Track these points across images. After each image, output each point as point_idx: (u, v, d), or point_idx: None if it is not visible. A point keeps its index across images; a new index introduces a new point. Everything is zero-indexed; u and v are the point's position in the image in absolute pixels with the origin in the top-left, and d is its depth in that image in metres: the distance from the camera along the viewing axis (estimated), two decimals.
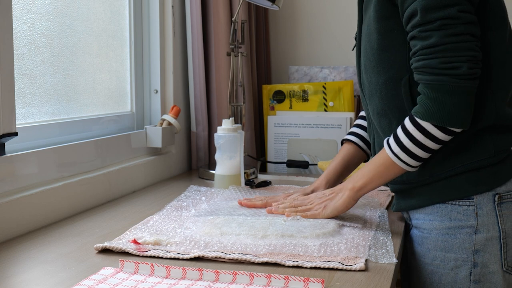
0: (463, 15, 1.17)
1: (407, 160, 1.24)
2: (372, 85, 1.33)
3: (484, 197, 1.25)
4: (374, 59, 1.31)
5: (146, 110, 1.98)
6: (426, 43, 1.18)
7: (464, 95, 1.17)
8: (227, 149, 1.69)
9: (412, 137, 1.22)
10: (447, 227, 1.27)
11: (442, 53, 1.17)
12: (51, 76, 1.51)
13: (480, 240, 1.25)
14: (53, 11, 1.50)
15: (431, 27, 1.18)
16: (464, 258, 1.26)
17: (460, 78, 1.16)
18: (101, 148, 1.62)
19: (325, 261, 1.06)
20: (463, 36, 1.17)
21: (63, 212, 1.40)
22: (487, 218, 1.25)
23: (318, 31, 2.55)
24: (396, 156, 1.25)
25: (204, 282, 0.96)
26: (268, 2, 1.89)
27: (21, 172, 1.30)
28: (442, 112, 1.18)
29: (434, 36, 1.17)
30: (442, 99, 1.17)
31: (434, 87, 1.18)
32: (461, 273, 1.26)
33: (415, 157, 1.24)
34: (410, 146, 1.23)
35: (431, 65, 1.18)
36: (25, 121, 1.41)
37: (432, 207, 1.29)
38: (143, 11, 1.95)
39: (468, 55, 1.17)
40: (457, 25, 1.17)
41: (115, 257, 1.09)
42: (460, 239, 1.26)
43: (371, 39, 1.31)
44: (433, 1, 1.17)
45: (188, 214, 1.39)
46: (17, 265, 1.06)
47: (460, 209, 1.26)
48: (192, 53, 2.06)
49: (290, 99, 2.23)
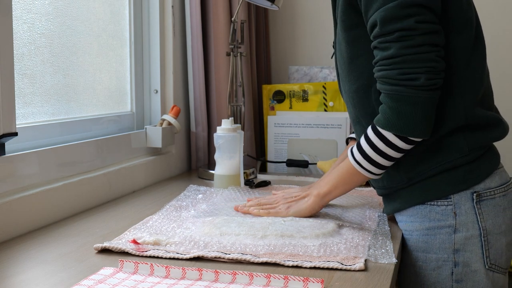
0: (421, 25, 1.16)
1: (370, 168, 1.26)
2: (347, 93, 1.35)
3: (461, 196, 1.25)
4: (345, 68, 1.32)
5: (146, 110, 1.99)
6: (385, 54, 1.19)
7: (423, 106, 1.18)
8: (227, 149, 1.69)
9: (374, 146, 1.24)
10: (427, 228, 1.28)
11: (400, 65, 1.17)
12: (51, 76, 1.51)
13: (460, 239, 1.25)
14: (53, 11, 1.50)
15: (390, 39, 1.18)
16: (444, 258, 1.26)
17: (418, 89, 1.17)
18: (101, 148, 1.62)
19: (325, 261, 1.06)
20: (421, 47, 1.17)
21: (63, 212, 1.40)
22: (466, 217, 1.25)
23: (318, 31, 2.55)
24: (358, 164, 1.27)
25: (204, 282, 0.96)
26: (268, 2, 1.89)
27: (21, 172, 1.30)
28: (402, 122, 1.19)
29: (393, 47, 1.18)
30: (401, 109, 1.18)
31: (393, 97, 1.19)
32: (443, 273, 1.27)
33: (377, 165, 1.25)
34: (372, 154, 1.24)
35: (390, 76, 1.19)
36: (25, 121, 1.41)
37: (413, 208, 1.30)
38: (143, 11, 1.95)
39: (426, 66, 1.17)
40: (414, 37, 1.16)
41: (114, 257, 1.09)
42: (440, 239, 1.27)
43: (341, 48, 1.32)
44: (391, 13, 1.17)
45: (188, 214, 1.39)
46: (17, 265, 1.07)
47: (439, 209, 1.27)
48: (192, 53, 2.06)
49: (290, 99, 2.23)
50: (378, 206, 1.51)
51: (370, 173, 1.27)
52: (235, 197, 1.57)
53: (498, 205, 1.26)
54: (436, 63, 1.18)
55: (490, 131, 1.27)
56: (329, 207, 1.45)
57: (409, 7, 1.16)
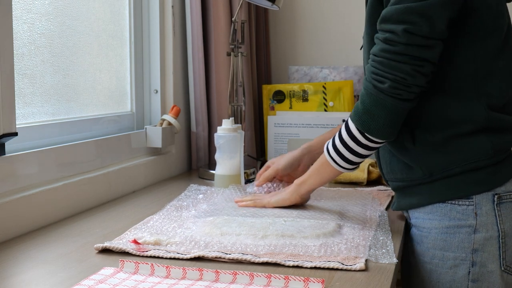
0: (408, 36, 1.16)
1: (337, 160, 1.31)
2: None
3: (483, 197, 1.25)
4: None
5: (146, 110, 1.98)
6: (373, 49, 1.22)
7: (385, 109, 1.20)
8: (227, 149, 1.69)
9: (341, 137, 1.29)
10: (446, 226, 1.28)
11: (375, 64, 1.20)
12: (51, 76, 1.50)
13: (479, 240, 1.25)
14: (53, 11, 1.50)
15: (379, 36, 1.21)
16: (462, 257, 1.26)
17: (382, 92, 1.19)
18: (101, 148, 1.62)
19: (325, 261, 1.06)
20: (399, 56, 1.17)
21: (63, 212, 1.40)
22: (486, 218, 1.25)
23: (318, 31, 2.55)
24: (329, 155, 1.32)
25: (204, 282, 0.96)
26: (268, 2, 1.89)
27: (21, 172, 1.30)
28: (364, 116, 1.22)
29: (378, 45, 1.21)
30: (367, 105, 1.22)
31: (364, 89, 1.23)
32: (459, 272, 1.27)
33: (342, 156, 1.30)
34: (339, 145, 1.29)
35: (368, 70, 1.23)
36: (25, 121, 1.41)
37: (432, 206, 1.30)
38: (143, 11, 1.95)
39: (395, 75, 1.17)
40: (397, 44, 1.17)
41: (115, 257, 1.09)
42: (459, 238, 1.27)
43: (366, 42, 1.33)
44: (390, 13, 1.18)
45: (188, 214, 1.39)
46: (17, 265, 1.06)
47: (460, 208, 1.27)
48: (192, 53, 2.06)
49: (290, 99, 2.23)
50: (378, 206, 1.51)
51: (337, 165, 1.32)
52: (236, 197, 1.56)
53: None
54: (409, 76, 1.17)
55: None
56: (330, 207, 1.45)
57: (408, 14, 1.16)
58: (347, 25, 2.50)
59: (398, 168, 1.34)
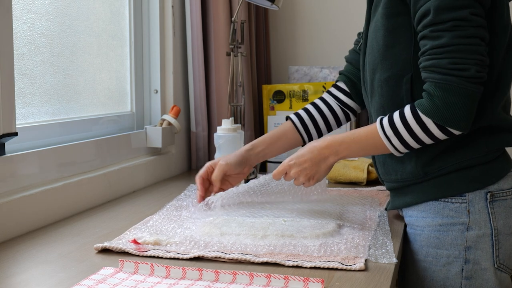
0: (474, 18, 1.17)
1: (397, 145, 1.25)
2: (375, 81, 1.34)
3: (476, 195, 1.26)
4: (379, 56, 1.31)
5: (146, 110, 1.99)
6: (436, 43, 1.18)
7: (469, 99, 1.17)
8: (227, 149, 1.69)
9: (409, 127, 1.22)
10: (439, 224, 1.29)
11: (452, 54, 1.17)
12: (51, 76, 1.51)
13: (472, 237, 1.26)
14: (53, 11, 1.50)
15: (443, 28, 1.18)
16: (456, 254, 1.27)
17: (467, 81, 1.16)
18: (101, 148, 1.62)
19: (325, 261, 1.06)
20: (473, 39, 1.17)
21: (63, 212, 1.40)
22: (479, 216, 1.26)
23: (318, 31, 2.55)
24: (387, 137, 1.25)
25: (204, 282, 0.96)
26: (268, 2, 1.89)
27: (21, 172, 1.30)
28: (447, 112, 1.18)
29: (445, 36, 1.17)
30: (449, 100, 1.17)
31: (440, 86, 1.18)
32: (453, 269, 1.28)
33: (406, 144, 1.24)
34: (405, 134, 1.23)
35: (440, 65, 1.18)
36: (25, 121, 1.41)
37: (425, 204, 1.31)
38: (143, 11, 1.95)
39: (476, 58, 1.17)
40: (468, 28, 1.17)
41: (115, 257, 1.09)
42: (452, 236, 1.27)
43: (377, 36, 1.31)
44: (446, 2, 1.17)
45: (188, 214, 1.39)
46: (17, 265, 1.07)
47: (453, 206, 1.27)
48: (192, 53, 2.06)
49: (290, 99, 2.23)
50: (378, 206, 1.51)
51: (395, 150, 1.26)
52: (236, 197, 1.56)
53: (510, 207, 1.28)
54: (484, 57, 1.18)
55: (508, 135, 1.29)
56: (329, 207, 1.45)
57: None
58: (347, 24, 2.50)
59: (393, 168, 1.34)
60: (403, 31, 1.27)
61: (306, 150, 1.33)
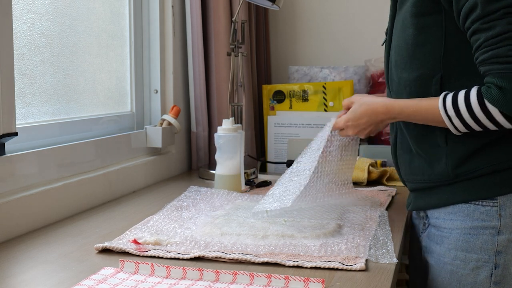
0: None
1: (458, 125, 1.21)
2: (402, 81, 1.31)
3: (507, 199, 1.23)
4: (407, 55, 1.29)
5: (146, 110, 1.98)
6: (490, 34, 1.16)
7: None
8: (227, 149, 1.69)
9: (473, 113, 1.19)
10: (469, 227, 1.26)
11: (509, 41, 1.14)
12: (51, 76, 1.50)
13: (503, 241, 1.24)
14: (53, 11, 1.50)
15: (494, 17, 1.15)
16: (485, 259, 1.24)
17: None
18: (101, 148, 1.62)
19: (326, 261, 1.06)
20: None
21: (63, 212, 1.40)
22: (510, 220, 1.23)
23: (318, 31, 2.55)
24: (448, 117, 1.22)
25: (204, 282, 0.96)
26: (268, 2, 1.89)
27: (21, 172, 1.30)
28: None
29: (498, 25, 1.15)
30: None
31: (505, 76, 1.15)
32: (482, 274, 1.25)
33: (467, 126, 1.21)
34: (467, 117, 1.19)
35: (499, 54, 1.15)
36: (25, 121, 1.41)
37: (454, 206, 1.28)
38: (143, 11, 1.95)
39: None
40: None
41: (115, 257, 1.09)
42: (482, 240, 1.25)
43: (406, 34, 1.29)
44: None
45: (189, 214, 1.39)
46: (17, 265, 1.06)
47: (483, 209, 1.25)
48: (192, 53, 2.06)
49: (290, 99, 2.23)
50: (378, 206, 1.51)
51: (455, 129, 1.23)
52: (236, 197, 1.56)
53: None
54: None
55: None
56: (330, 207, 1.45)
57: None
58: (347, 25, 2.50)
59: (420, 169, 1.32)
60: (434, 30, 1.25)
61: (362, 111, 1.37)
